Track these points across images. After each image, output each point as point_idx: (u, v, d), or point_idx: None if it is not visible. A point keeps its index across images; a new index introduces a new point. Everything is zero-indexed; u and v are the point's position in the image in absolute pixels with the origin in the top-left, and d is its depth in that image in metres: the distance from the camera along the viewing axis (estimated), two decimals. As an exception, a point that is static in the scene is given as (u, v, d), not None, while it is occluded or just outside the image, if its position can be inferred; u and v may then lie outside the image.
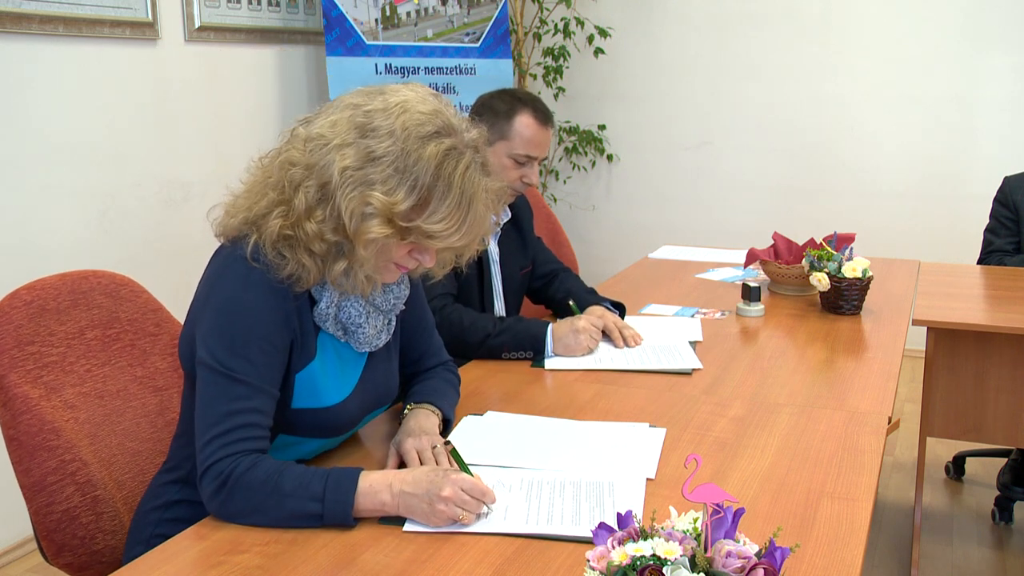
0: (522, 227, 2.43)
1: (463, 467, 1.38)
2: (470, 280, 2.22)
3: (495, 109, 2.19)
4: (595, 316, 2.16)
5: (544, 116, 2.20)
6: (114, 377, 1.62)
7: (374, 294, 1.46)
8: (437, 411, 1.57)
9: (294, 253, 1.34)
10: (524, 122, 2.16)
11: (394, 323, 1.53)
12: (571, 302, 2.27)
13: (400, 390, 1.66)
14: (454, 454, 1.40)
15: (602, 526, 1.01)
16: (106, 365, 1.61)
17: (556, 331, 2.07)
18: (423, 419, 1.53)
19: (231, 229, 1.39)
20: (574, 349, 2.05)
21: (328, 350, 1.44)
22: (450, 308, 2.09)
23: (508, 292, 2.36)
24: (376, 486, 1.28)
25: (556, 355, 2.06)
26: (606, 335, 2.17)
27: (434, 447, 1.44)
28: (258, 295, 1.34)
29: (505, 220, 2.33)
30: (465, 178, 1.33)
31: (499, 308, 2.34)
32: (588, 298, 2.36)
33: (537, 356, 2.05)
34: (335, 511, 1.26)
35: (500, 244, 2.34)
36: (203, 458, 1.30)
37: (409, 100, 1.34)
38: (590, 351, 2.07)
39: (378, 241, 1.33)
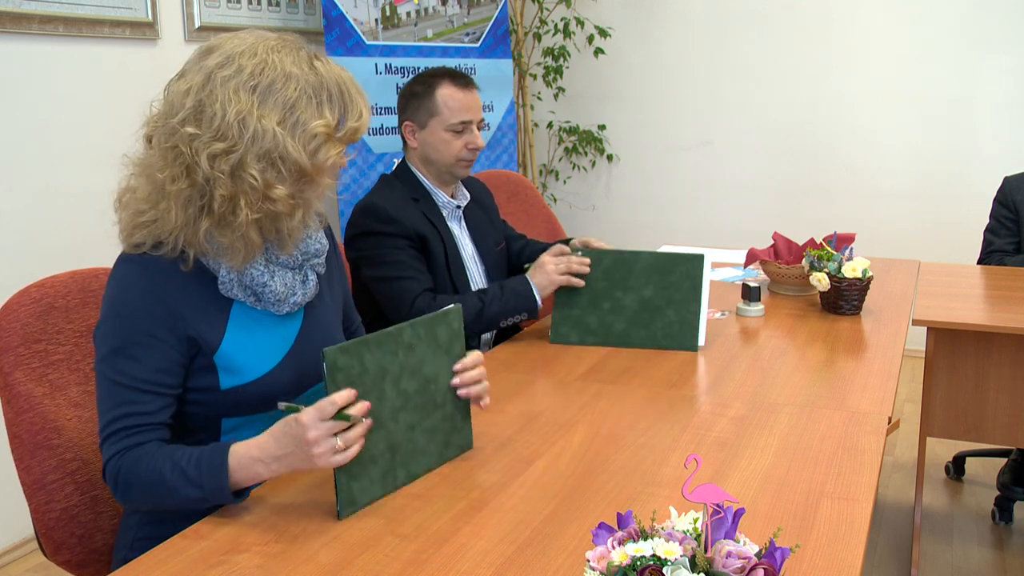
0: (486, 207, 2.50)
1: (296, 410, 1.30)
2: (438, 265, 2.25)
3: (415, 93, 2.26)
4: (555, 251, 2.23)
5: (463, 81, 2.26)
6: None
7: (276, 252, 1.44)
8: None
9: (230, 233, 1.34)
10: (445, 93, 2.22)
11: (314, 280, 1.49)
12: (525, 265, 2.33)
13: None
14: (291, 410, 1.31)
15: (602, 526, 1.01)
16: None
17: (533, 279, 2.17)
18: None
19: (133, 245, 1.38)
20: (553, 283, 2.15)
21: (243, 322, 1.42)
22: (436, 304, 2.12)
23: (490, 267, 2.41)
24: (246, 461, 1.29)
25: (543, 296, 2.17)
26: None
27: None
28: (133, 294, 1.35)
29: (465, 202, 2.36)
30: (340, 69, 1.41)
31: (476, 286, 2.36)
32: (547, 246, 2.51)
33: (532, 311, 2.17)
34: (215, 495, 1.30)
35: (468, 225, 2.38)
36: (103, 458, 1.36)
37: (253, 45, 1.36)
38: (567, 274, 2.15)
39: (336, 163, 1.39)
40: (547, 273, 2.15)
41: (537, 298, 2.16)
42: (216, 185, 1.31)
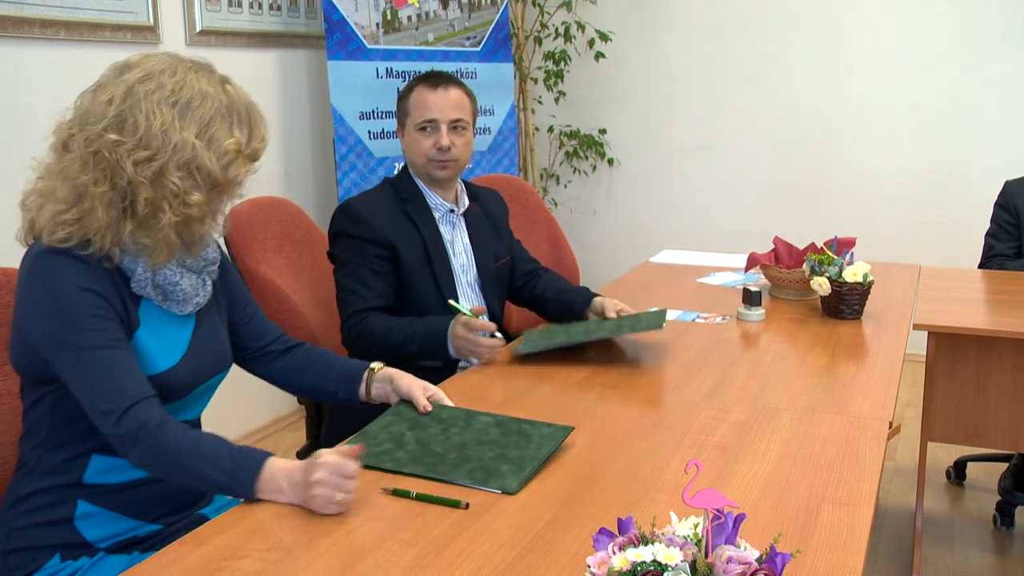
0: (495, 219, 2.46)
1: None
2: (417, 267, 2.23)
3: (399, 97, 2.33)
4: (464, 325, 2.04)
5: (435, 81, 2.28)
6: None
7: (184, 255, 1.53)
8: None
9: (153, 234, 1.43)
10: (416, 93, 2.28)
11: (209, 285, 1.59)
12: (451, 301, 2.16)
13: (265, 372, 1.78)
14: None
15: (603, 531, 1.01)
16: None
17: (452, 335, 2.06)
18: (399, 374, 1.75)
19: (57, 240, 1.42)
20: (462, 354, 2.07)
21: (151, 319, 1.50)
22: (369, 320, 2.13)
23: (486, 282, 2.37)
24: (277, 475, 1.38)
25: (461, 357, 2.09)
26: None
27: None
28: (71, 278, 1.41)
29: (462, 209, 2.35)
30: (246, 94, 1.51)
31: (464, 293, 2.33)
32: (562, 298, 2.41)
33: (444, 360, 2.10)
34: (239, 489, 1.38)
35: (469, 233, 2.35)
36: (112, 412, 1.37)
37: (172, 64, 1.45)
38: (480, 356, 2.06)
39: (242, 179, 1.49)
40: (457, 348, 2.06)
41: (451, 352, 2.06)
42: (139, 189, 1.41)
